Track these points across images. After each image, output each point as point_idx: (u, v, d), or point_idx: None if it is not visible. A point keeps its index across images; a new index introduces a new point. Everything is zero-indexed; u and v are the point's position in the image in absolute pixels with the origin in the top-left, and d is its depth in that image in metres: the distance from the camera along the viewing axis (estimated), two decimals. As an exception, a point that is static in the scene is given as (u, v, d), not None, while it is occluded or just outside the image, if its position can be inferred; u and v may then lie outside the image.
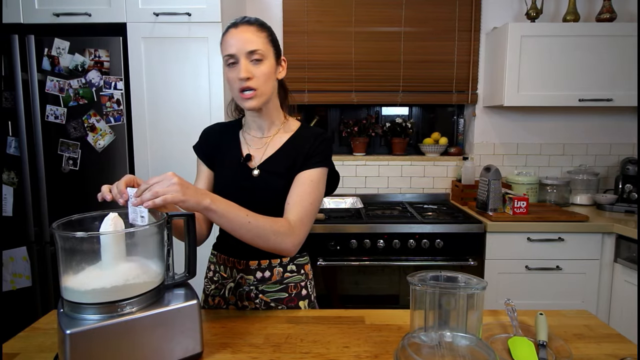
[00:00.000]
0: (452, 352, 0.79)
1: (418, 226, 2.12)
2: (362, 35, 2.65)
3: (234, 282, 1.18)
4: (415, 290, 0.87)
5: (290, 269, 1.19)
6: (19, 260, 2.10)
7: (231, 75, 1.08)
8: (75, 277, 0.81)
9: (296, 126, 1.21)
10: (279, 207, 1.10)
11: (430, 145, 2.76)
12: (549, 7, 2.61)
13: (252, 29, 1.08)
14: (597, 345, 0.94)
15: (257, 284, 1.16)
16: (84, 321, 0.77)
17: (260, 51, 1.07)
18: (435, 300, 0.84)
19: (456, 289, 0.84)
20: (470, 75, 2.70)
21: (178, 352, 0.85)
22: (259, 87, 1.08)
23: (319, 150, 1.13)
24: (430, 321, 0.85)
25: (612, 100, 2.34)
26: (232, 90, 1.11)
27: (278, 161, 1.14)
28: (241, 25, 1.08)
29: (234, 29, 1.08)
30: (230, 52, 1.07)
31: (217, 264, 1.23)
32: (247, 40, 1.06)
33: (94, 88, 2.01)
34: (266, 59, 1.08)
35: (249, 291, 1.16)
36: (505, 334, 0.98)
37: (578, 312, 1.11)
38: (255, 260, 1.16)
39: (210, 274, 1.25)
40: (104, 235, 0.81)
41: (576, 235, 2.13)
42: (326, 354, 0.90)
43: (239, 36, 1.07)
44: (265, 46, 1.09)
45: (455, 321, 0.83)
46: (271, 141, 1.18)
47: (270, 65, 1.09)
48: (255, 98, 1.08)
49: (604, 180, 2.73)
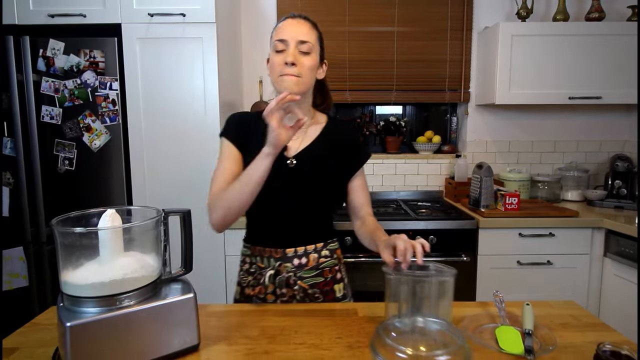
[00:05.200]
0: (424, 336, 0.83)
1: (412, 223, 2.16)
2: (356, 35, 2.68)
3: (273, 269, 1.19)
4: (389, 279, 0.92)
5: (324, 254, 1.23)
6: (15, 260, 2.11)
7: (276, 59, 1.12)
8: (75, 272, 0.83)
9: (324, 119, 1.27)
10: (314, 198, 1.17)
11: (424, 144, 2.80)
12: (540, 7, 2.65)
13: (308, 24, 1.15)
14: (582, 333, 0.98)
15: (295, 270, 1.19)
16: (84, 314, 0.80)
17: (310, 44, 1.13)
18: (408, 288, 0.89)
19: (428, 277, 0.90)
20: (463, 74, 2.73)
21: (176, 344, 0.88)
22: (301, 75, 1.12)
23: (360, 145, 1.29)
24: (404, 309, 0.90)
25: (601, 98, 2.38)
26: (273, 74, 1.14)
27: (314, 152, 1.19)
28: (298, 18, 1.16)
29: (291, 19, 1.15)
30: (283, 37, 1.12)
31: (253, 255, 1.25)
32: (301, 31, 1.12)
33: (90, 88, 2.03)
34: (313, 53, 1.14)
35: (288, 278, 1.19)
36: (493, 323, 1.01)
37: (565, 303, 1.15)
38: (291, 247, 1.19)
39: (246, 266, 1.26)
40: (103, 230, 0.83)
41: (566, 230, 2.16)
42: (319, 344, 0.93)
43: (295, 26, 1.13)
44: (315, 42, 1.15)
45: (428, 308, 0.89)
46: (306, 133, 1.22)
47: (315, 60, 1.15)
48: (296, 83, 1.11)
49: (594, 176, 2.77)
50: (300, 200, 1.15)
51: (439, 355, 0.75)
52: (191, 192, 2.11)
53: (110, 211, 0.86)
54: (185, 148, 2.10)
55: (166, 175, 2.11)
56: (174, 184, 2.12)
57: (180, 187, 2.11)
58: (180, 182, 2.12)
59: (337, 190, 1.24)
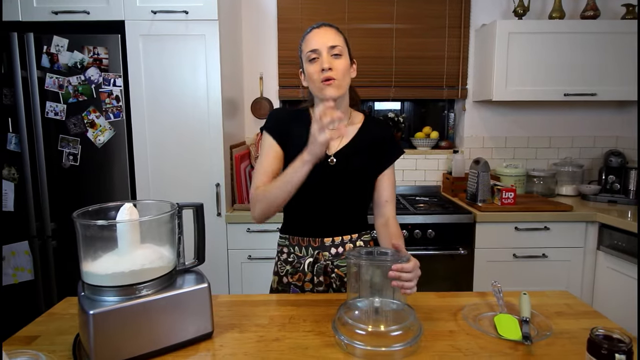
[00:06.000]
0: (381, 315, 0.94)
1: (411, 217, 2.21)
2: (355, 32, 2.71)
3: (312, 257, 1.26)
4: (351, 264, 0.99)
5: (359, 244, 1.30)
6: (21, 254, 2.14)
7: (312, 70, 1.18)
8: (95, 263, 0.87)
9: (360, 118, 1.33)
10: (351, 194, 1.26)
11: (422, 139, 2.84)
12: (536, 5, 2.69)
13: (333, 30, 1.21)
14: (576, 320, 1.03)
15: (333, 258, 1.26)
16: (105, 302, 0.84)
17: (340, 47, 1.18)
18: (368, 272, 0.98)
19: (386, 262, 0.98)
20: (460, 71, 2.77)
21: (191, 331, 0.92)
22: (338, 77, 1.17)
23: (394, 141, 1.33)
24: (364, 291, 0.98)
25: (596, 95, 2.43)
26: (313, 83, 1.20)
27: (354, 150, 1.26)
28: (323, 26, 1.21)
29: (316, 29, 1.20)
30: (314, 47, 1.17)
31: (291, 245, 1.31)
32: (329, 37, 1.18)
33: (93, 85, 2.05)
34: (344, 55, 1.19)
35: (326, 266, 1.26)
36: (491, 312, 1.06)
37: (560, 293, 1.20)
38: (329, 237, 1.27)
39: (284, 256, 1.32)
40: (122, 223, 0.87)
41: (561, 224, 2.22)
42: (327, 332, 0.97)
43: (322, 34, 1.19)
44: (344, 45, 1.20)
45: (386, 290, 0.97)
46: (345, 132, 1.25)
47: (347, 62, 1.21)
48: (335, 86, 1.18)
49: (588, 171, 2.83)
50: (338, 196, 1.24)
51: (393, 330, 0.88)
52: (194, 187, 2.15)
53: (128, 205, 0.90)
54: (188, 144, 2.13)
55: (169, 170, 2.14)
56: (177, 178, 2.15)
57: (182, 181, 2.15)
58: (182, 176, 2.15)
59: (372, 185, 1.32)
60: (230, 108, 2.33)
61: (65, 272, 2.16)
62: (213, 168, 2.15)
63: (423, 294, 1.19)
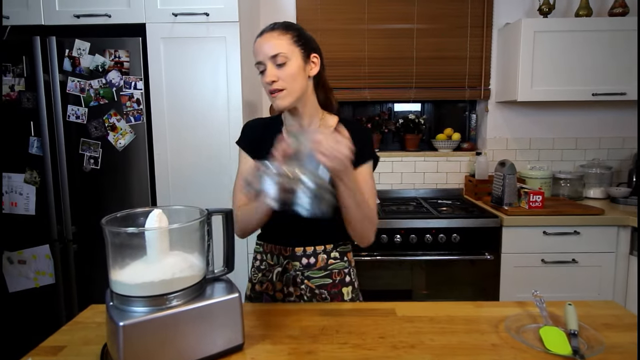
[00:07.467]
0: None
1: (435, 221, 2.15)
2: (375, 33, 2.67)
3: (281, 267, 1.22)
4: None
5: (334, 255, 1.24)
6: (42, 258, 2.13)
7: (262, 81, 1.14)
8: (123, 271, 0.84)
9: (334, 121, 1.24)
10: None
11: (443, 141, 2.78)
12: (561, 3, 2.61)
13: (275, 34, 1.12)
14: (627, 333, 0.97)
15: (303, 269, 1.21)
16: (134, 313, 0.81)
17: (282, 54, 1.10)
18: None
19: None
20: (483, 71, 2.71)
21: (221, 343, 0.88)
22: (286, 87, 1.11)
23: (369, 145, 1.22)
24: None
25: (625, 94, 2.35)
26: (267, 94, 1.16)
27: None
28: (266, 33, 1.14)
29: (259, 38, 1.14)
30: (257, 59, 1.13)
31: (264, 252, 1.27)
32: (269, 46, 1.11)
33: (114, 88, 2.04)
34: (290, 59, 1.11)
35: (295, 276, 1.21)
36: (535, 324, 1.00)
37: (605, 303, 1.13)
38: (300, 247, 1.21)
39: (257, 263, 1.29)
40: (151, 230, 0.84)
41: (592, 228, 2.14)
42: (363, 344, 0.93)
43: (263, 44, 1.12)
44: (289, 47, 1.11)
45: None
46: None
47: (296, 65, 1.12)
48: (283, 97, 1.12)
49: (617, 173, 2.73)
50: None
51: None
52: (214, 191, 2.12)
53: (157, 211, 0.87)
54: (208, 147, 2.11)
55: (189, 173, 2.12)
56: (197, 183, 2.13)
57: (202, 186, 2.13)
58: (202, 181, 2.13)
59: None
60: (251, 112, 2.31)
61: (86, 276, 2.15)
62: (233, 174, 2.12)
63: (459, 304, 1.14)
